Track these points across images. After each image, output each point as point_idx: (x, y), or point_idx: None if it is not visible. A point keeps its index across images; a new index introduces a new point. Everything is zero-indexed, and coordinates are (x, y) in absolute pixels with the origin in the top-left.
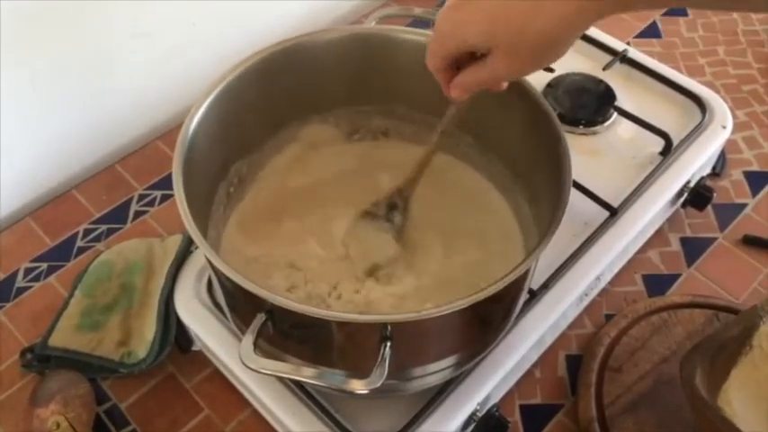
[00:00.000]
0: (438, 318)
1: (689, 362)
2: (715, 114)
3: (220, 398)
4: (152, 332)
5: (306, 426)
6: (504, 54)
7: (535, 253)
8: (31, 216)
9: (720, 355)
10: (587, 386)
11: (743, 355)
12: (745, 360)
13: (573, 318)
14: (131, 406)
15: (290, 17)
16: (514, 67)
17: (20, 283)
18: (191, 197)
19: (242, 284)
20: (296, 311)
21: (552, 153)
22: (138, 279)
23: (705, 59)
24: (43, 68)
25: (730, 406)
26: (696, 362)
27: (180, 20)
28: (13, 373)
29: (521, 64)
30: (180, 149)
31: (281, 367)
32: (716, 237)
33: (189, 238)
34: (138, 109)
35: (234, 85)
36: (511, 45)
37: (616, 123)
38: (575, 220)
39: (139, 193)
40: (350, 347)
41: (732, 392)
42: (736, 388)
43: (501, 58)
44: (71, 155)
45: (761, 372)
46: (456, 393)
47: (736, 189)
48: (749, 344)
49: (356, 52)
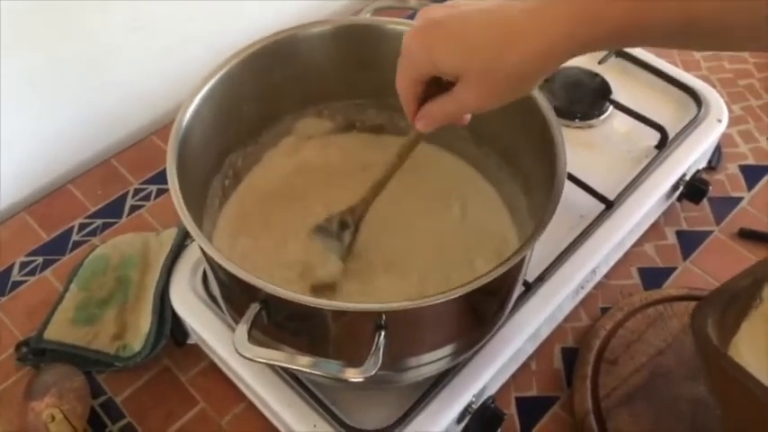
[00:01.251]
0: (432, 306)
1: (700, 313)
2: (710, 108)
3: (216, 391)
4: (147, 325)
5: (301, 418)
6: (474, 84)
7: (530, 242)
8: (26, 210)
9: (731, 308)
10: (583, 378)
11: (753, 308)
12: (755, 313)
13: (569, 310)
14: (127, 399)
15: (287, 11)
16: (482, 99)
17: (15, 277)
18: (185, 188)
19: (236, 273)
20: (290, 300)
21: (548, 146)
22: (133, 273)
23: (701, 54)
24: (40, 63)
25: (741, 359)
26: (707, 313)
27: (176, 15)
28: (9, 367)
29: (489, 96)
30: (174, 141)
31: (276, 356)
32: (712, 230)
33: (184, 232)
34: (134, 104)
35: (228, 77)
36: (481, 76)
37: (612, 117)
38: (570, 213)
39: (135, 188)
40: (344, 337)
41: (742, 346)
42: (746, 341)
43: (470, 88)
44: (67, 149)
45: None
46: (451, 385)
47: (732, 183)
48: (759, 296)
49: (351, 44)
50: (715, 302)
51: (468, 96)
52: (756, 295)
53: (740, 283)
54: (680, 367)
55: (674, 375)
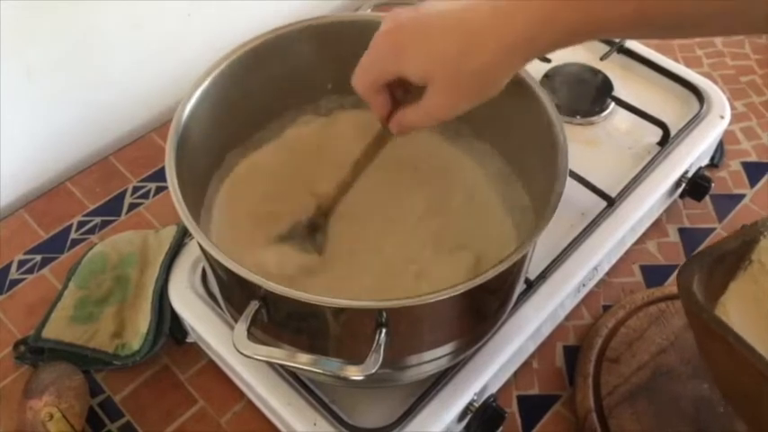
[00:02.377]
0: (433, 303)
1: (687, 270)
2: (713, 105)
3: (215, 390)
4: (146, 324)
5: (301, 416)
6: (441, 90)
7: (531, 239)
8: (24, 208)
9: (719, 267)
10: (585, 377)
11: (742, 270)
12: (744, 274)
13: (570, 308)
14: (125, 398)
15: (286, 10)
16: (452, 105)
17: (13, 275)
18: (184, 186)
19: (235, 270)
20: (289, 297)
21: (549, 142)
22: (132, 271)
23: (703, 51)
24: (38, 61)
25: (728, 318)
26: (694, 270)
27: (175, 12)
28: (7, 366)
29: (458, 100)
30: (172, 139)
31: (276, 353)
32: (714, 227)
33: (183, 229)
34: (132, 101)
35: (226, 74)
36: (447, 81)
37: (613, 114)
38: (572, 211)
39: (134, 186)
40: (345, 334)
41: (730, 305)
42: (733, 301)
43: (438, 94)
44: (65, 147)
45: (760, 287)
46: (452, 384)
47: (735, 180)
48: (749, 258)
49: (350, 40)
50: (702, 261)
51: (438, 103)
52: (745, 257)
53: (729, 244)
54: (682, 365)
55: (676, 373)
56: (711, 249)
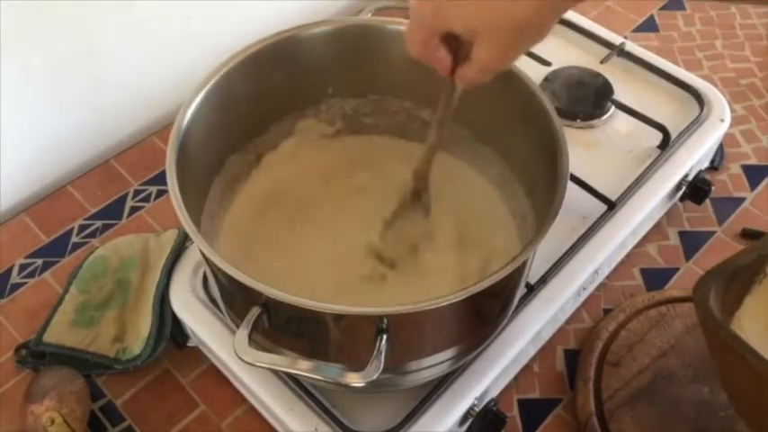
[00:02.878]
0: (434, 310)
1: (703, 285)
2: (713, 108)
3: (216, 394)
4: (147, 328)
5: (302, 422)
6: (488, 42)
7: (532, 245)
8: (26, 212)
9: (734, 282)
10: (586, 380)
11: (756, 284)
12: (758, 288)
13: (571, 312)
14: (127, 402)
15: (287, 12)
16: (499, 56)
17: (14, 279)
18: (185, 190)
19: (236, 277)
20: (290, 304)
21: (549, 146)
22: (133, 275)
23: (703, 53)
24: (38, 64)
25: (743, 333)
26: (710, 285)
27: (175, 14)
28: (8, 370)
29: (505, 50)
30: (174, 142)
31: (277, 360)
32: (714, 230)
33: (184, 233)
34: (133, 104)
35: (228, 77)
36: (494, 30)
37: (614, 117)
38: (572, 214)
39: (135, 189)
40: (346, 341)
41: (745, 320)
42: (749, 316)
43: (486, 45)
44: (66, 150)
45: None
46: (453, 388)
47: (735, 183)
48: (763, 272)
49: (351, 44)
50: (718, 275)
51: (487, 55)
52: (760, 271)
53: (744, 259)
54: (683, 369)
55: (677, 377)
56: (726, 264)
